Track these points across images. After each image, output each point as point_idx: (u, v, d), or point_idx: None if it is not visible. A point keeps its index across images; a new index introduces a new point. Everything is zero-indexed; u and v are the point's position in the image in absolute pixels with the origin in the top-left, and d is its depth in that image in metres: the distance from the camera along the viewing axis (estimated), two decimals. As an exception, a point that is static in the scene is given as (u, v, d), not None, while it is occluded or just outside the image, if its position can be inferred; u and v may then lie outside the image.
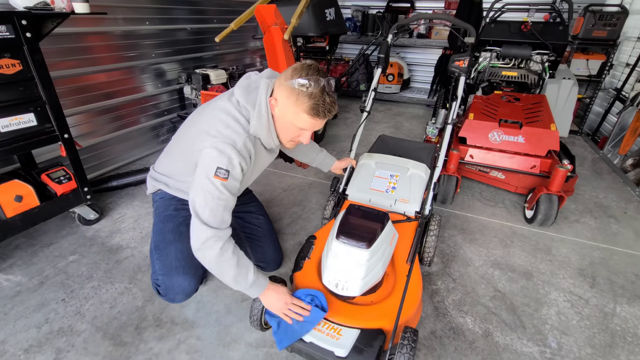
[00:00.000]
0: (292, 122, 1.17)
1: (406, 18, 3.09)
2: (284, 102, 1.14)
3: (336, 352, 1.13)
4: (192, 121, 1.34)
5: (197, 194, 1.14)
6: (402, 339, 1.12)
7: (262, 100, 1.18)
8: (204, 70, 3.14)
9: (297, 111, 1.12)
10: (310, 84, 1.08)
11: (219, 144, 1.12)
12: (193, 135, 1.25)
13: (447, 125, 1.87)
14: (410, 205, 1.74)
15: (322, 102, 1.10)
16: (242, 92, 1.21)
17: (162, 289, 1.38)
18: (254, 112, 1.19)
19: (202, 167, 1.14)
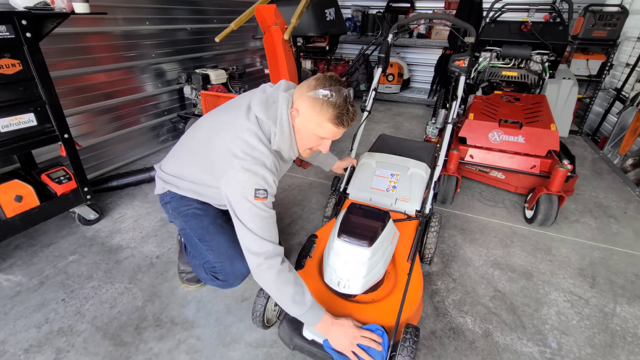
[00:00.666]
0: (314, 131, 1.18)
1: (406, 18, 3.09)
2: (306, 112, 1.15)
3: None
4: (208, 130, 1.29)
5: (244, 217, 1.12)
6: (404, 335, 1.13)
7: (283, 115, 1.18)
8: (204, 70, 3.14)
9: (321, 121, 1.14)
10: (333, 94, 1.10)
11: (250, 165, 1.11)
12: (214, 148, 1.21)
13: (447, 125, 1.87)
14: (411, 204, 1.74)
15: (345, 111, 1.12)
16: (261, 108, 1.18)
17: (221, 275, 1.37)
18: (276, 127, 1.18)
19: (238, 191, 1.11)
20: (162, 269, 1.78)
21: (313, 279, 1.38)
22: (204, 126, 1.34)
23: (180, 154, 1.44)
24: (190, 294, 1.63)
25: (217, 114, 1.33)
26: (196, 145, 1.33)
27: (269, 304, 1.34)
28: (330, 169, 1.88)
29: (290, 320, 1.24)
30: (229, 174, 1.12)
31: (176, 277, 1.72)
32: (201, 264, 1.44)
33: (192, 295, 1.63)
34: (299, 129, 1.20)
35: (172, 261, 1.83)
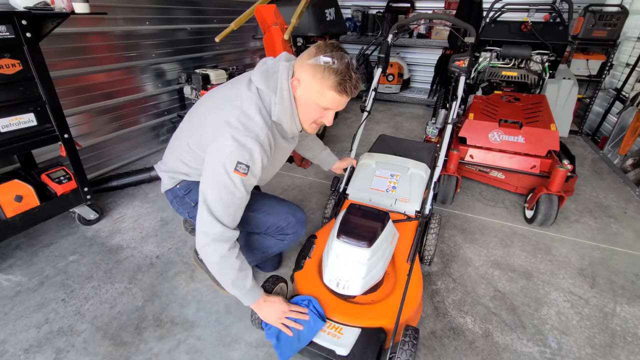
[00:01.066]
0: (317, 101, 1.14)
1: (406, 18, 3.09)
2: (308, 81, 1.11)
3: (337, 351, 1.14)
4: (207, 107, 1.25)
5: (211, 187, 1.09)
6: (404, 337, 1.12)
7: (283, 84, 1.14)
8: (204, 70, 3.13)
9: (323, 89, 1.10)
10: (335, 60, 1.06)
11: (240, 136, 1.07)
12: (209, 121, 1.17)
13: (447, 125, 1.87)
14: (411, 204, 1.74)
15: (348, 77, 1.08)
16: (261, 77, 1.15)
17: (290, 229, 1.38)
18: (276, 97, 1.14)
19: (219, 159, 1.07)
20: (162, 269, 1.78)
21: (312, 279, 1.37)
22: (202, 105, 1.31)
23: (180, 138, 1.36)
24: (190, 293, 1.63)
25: (217, 90, 1.30)
26: (194, 122, 1.28)
27: None
28: (330, 168, 1.88)
29: None
30: (216, 142, 1.08)
31: (176, 278, 1.72)
32: (263, 233, 1.42)
33: (192, 295, 1.63)
34: (301, 99, 1.16)
35: (172, 261, 1.83)
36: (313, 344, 1.17)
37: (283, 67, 1.16)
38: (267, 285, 1.33)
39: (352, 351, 1.13)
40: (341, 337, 1.17)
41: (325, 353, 1.14)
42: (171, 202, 1.48)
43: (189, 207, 1.44)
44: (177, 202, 1.45)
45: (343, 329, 1.20)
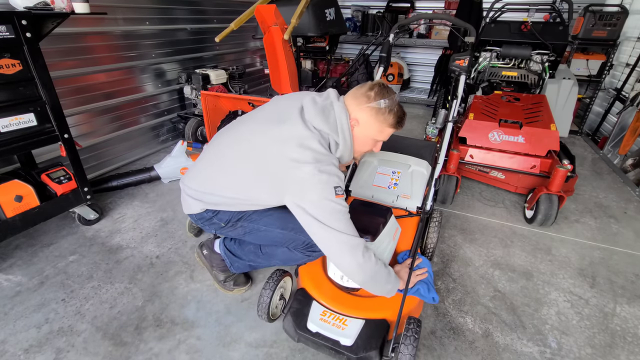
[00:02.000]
0: (374, 137, 1.29)
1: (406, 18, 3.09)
2: (369, 121, 1.25)
3: (342, 342, 1.17)
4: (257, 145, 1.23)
5: (329, 219, 1.13)
6: (406, 329, 1.15)
7: (344, 126, 1.23)
8: (204, 70, 3.14)
9: (383, 127, 1.26)
10: (390, 102, 1.23)
11: (324, 167, 1.14)
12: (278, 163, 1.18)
13: (448, 124, 1.88)
14: (412, 200, 1.75)
15: (403, 115, 1.27)
16: (321, 120, 1.20)
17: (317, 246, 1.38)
18: (337, 136, 1.23)
19: (318, 193, 1.13)
20: (162, 269, 1.78)
21: (317, 272, 1.41)
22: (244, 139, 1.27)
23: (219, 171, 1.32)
24: (190, 293, 1.63)
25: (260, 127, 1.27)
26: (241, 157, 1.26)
27: (274, 298, 1.36)
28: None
29: (295, 313, 1.26)
30: (303, 183, 1.14)
31: (176, 278, 1.72)
32: (293, 248, 1.43)
33: (192, 295, 1.63)
34: (358, 136, 1.28)
35: (172, 261, 1.83)
36: (318, 335, 1.20)
37: (339, 109, 1.24)
38: (273, 278, 1.36)
39: (356, 342, 1.16)
40: (345, 328, 1.20)
41: (330, 343, 1.17)
42: (194, 220, 1.45)
43: (217, 226, 1.42)
44: (204, 222, 1.43)
45: (347, 320, 1.23)
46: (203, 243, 1.65)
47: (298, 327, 1.23)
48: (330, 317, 1.24)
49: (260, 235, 1.43)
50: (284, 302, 1.44)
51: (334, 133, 1.22)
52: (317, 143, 1.17)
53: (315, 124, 1.20)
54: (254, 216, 1.39)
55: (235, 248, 1.55)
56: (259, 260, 1.52)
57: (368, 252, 1.16)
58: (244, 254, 1.53)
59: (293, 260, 1.48)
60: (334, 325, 1.21)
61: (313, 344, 1.23)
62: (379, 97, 1.22)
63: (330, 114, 1.23)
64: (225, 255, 1.56)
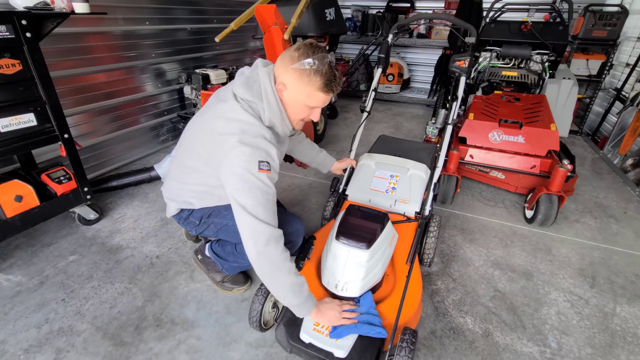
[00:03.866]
0: (305, 102, 1.19)
1: (406, 18, 3.09)
2: (294, 84, 1.15)
3: (335, 353, 1.13)
4: (198, 127, 1.29)
5: (244, 195, 1.08)
6: (401, 340, 1.12)
7: (268, 90, 1.17)
8: (204, 70, 3.14)
9: (311, 91, 1.14)
10: (317, 62, 1.11)
11: (250, 139, 1.10)
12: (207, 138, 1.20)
13: (447, 126, 1.87)
14: (410, 205, 1.74)
15: (333, 77, 1.14)
16: (245, 89, 1.18)
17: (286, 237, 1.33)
18: (263, 103, 1.18)
19: (241, 166, 1.09)
20: (162, 269, 1.78)
21: (311, 281, 1.37)
22: (192, 127, 1.34)
23: (178, 166, 1.41)
24: (190, 293, 1.63)
25: (204, 112, 1.32)
26: (191, 144, 1.31)
27: (266, 307, 1.33)
28: (329, 170, 1.88)
29: (288, 323, 1.23)
30: (229, 155, 1.10)
31: (176, 278, 1.72)
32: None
33: (192, 295, 1.63)
34: (288, 102, 1.20)
35: (172, 261, 1.83)
36: (311, 346, 1.17)
37: (263, 74, 1.19)
38: (264, 287, 1.32)
39: (351, 353, 1.13)
40: (339, 340, 1.16)
41: (323, 355, 1.14)
42: (178, 222, 1.51)
43: (193, 224, 1.47)
44: (183, 222, 1.49)
45: None
46: (197, 249, 1.69)
47: (290, 338, 1.19)
48: (324, 328, 1.20)
49: (230, 231, 1.43)
50: (277, 310, 1.40)
51: (259, 100, 1.17)
52: (244, 113, 1.14)
53: (240, 93, 1.18)
54: (222, 211, 1.41)
55: (220, 250, 1.57)
56: (239, 260, 1.52)
57: (275, 246, 1.08)
58: (226, 255, 1.55)
59: None
60: (328, 336, 1.17)
61: (306, 356, 1.18)
62: (303, 57, 1.11)
63: (255, 82, 1.19)
64: (214, 258, 1.58)
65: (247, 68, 1.29)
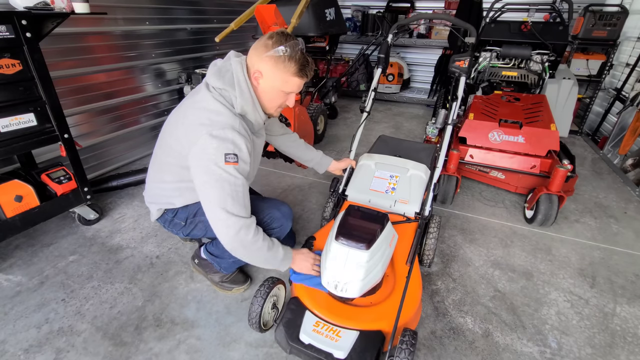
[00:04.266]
0: (281, 88, 1.22)
1: (406, 18, 3.09)
2: (270, 71, 1.18)
3: (335, 354, 1.13)
4: (173, 123, 1.31)
5: (211, 187, 1.12)
6: (401, 341, 1.11)
7: (240, 78, 1.20)
8: (204, 70, 3.14)
9: (286, 77, 1.19)
10: (288, 49, 1.16)
11: (217, 130, 1.12)
12: (181, 132, 1.22)
13: (447, 125, 1.87)
14: (410, 206, 1.73)
15: (306, 62, 1.19)
16: (216, 78, 1.20)
17: (275, 223, 1.42)
18: (235, 91, 1.20)
19: (208, 158, 1.11)
20: (162, 269, 1.78)
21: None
22: (167, 126, 1.36)
23: (155, 161, 1.42)
24: (190, 293, 1.63)
25: (177, 108, 1.36)
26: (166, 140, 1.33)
27: (266, 307, 1.33)
28: (326, 170, 1.87)
29: (287, 324, 1.23)
30: (197, 146, 1.12)
31: (176, 278, 1.72)
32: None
33: (192, 295, 1.63)
34: (265, 89, 1.23)
35: (172, 261, 1.83)
36: (310, 347, 1.17)
37: (235, 63, 1.22)
38: (265, 287, 1.33)
39: (350, 354, 1.12)
40: (339, 340, 1.16)
41: (323, 356, 1.14)
42: (164, 226, 1.52)
43: (179, 226, 1.48)
44: (168, 225, 1.50)
45: (341, 331, 1.19)
46: (193, 254, 1.70)
47: (290, 339, 1.18)
48: (324, 328, 1.19)
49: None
50: (276, 311, 1.40)
51: (231, 88, 1.20)
52: (214, 101, 1.16)
53: (212, 82, 1.20)
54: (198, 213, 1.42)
55: (214, 249, 1.58)
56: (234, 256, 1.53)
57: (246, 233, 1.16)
58: (221, 253, 1.56)
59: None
60: (327, 336, 1.17)
61: (305, 356, 1.18)
62: (277, 45, 1.15)
63: (227, 70, 1.22)
64: (210, 259, 1.59)
65: (219, 60, 1.31)
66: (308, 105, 3.24)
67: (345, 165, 1.92)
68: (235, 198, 1.14)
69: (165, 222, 1.49)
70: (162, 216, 1.47)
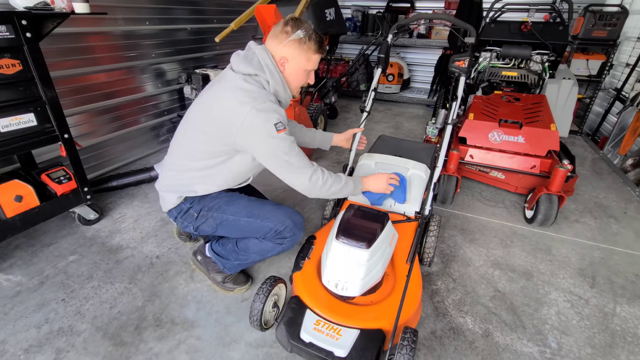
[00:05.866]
0: (305, 67, 1.36)
1: (406, 18, 3.09)
2: (295, 54, 1.32)
3: (336, 353, 1.13)
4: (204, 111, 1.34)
5: (273, 156, 1.27)
6: (402, 339, 1.12)
7: (268, 63, 1.30)
8: (204, 70, 3.14)
9: (308, 55, 1.33)
10: (306, 31, 1.30)
11: (260, 105, 1.22)
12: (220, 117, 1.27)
13: (447, 125, 1.87)
14: (410, 205, 1.74)
15: (321, 39, 1.34)
16: (245, 65, 1.29)
17: (288, 232, 1.46)
18: (265, 74, 1.30)
19: (259, 132, 1.23)
20: (162, 269, 1.78)
21: (311, 280, 1.37)
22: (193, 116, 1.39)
23: (179, 155, 1.44)
24: (190, 293, 1.63)
25: (198, 100, 1.40)
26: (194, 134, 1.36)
27: (267, 306, 1.33)
28: (332, 144, 1.86)
29: (288, 322, 1.23)
30: (244, 124, 1.22)
31: (176, 278, 1.72)
32: (261, 238, 1.48)
33: (192, 295, 1.63)
34: (291, 72, 1.36)
35: (172, 261, 1.83)
36: (311, 345, 1.17)
37: (260, 50, 1.32)
38: (266, 286, 1.33)
39: (351, 352, 1.13)
40: (340, 339, 1.16)
41: (324, 354, 1.14)
42: (175, 218, 1.50)
43: (192, 218, 1.47)
44: (182, 216, 1.48)
45: (342, 330, 1.19)
46: (196, 250, 1.69)
47: (291, 337, 1.19)
48: (325, 327, 1.20)
49: (231, 227, 1.46)
50: (277, 310, 1.40)
51: (262, 72, 1.30)
52: (247, 83, 1.26)
53: (242, 69, 1.29)
54: (223, 206, 1.44)
55: (220, 249, 1.58)
56: (241, 257, 1.54)
57: (317, 176, 1.34)
58: (227, 254, 1.56)
59: (267, 252, 1.51)
60: (328, 335, 1.17)
61: (306, 355, 1.18)
62: (295, 29, 1.29)
63: (253, 57, 1.31)
64: (215, 258, 1.59)
65: (240, 50, 1.38)
66: (308, 105, 3.24)
67: (349, 135, 1.89)
68: (296, 156, 1.29)
69: (179, 212, 1.47)
70: (179, 205, 1.46)
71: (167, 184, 1.46)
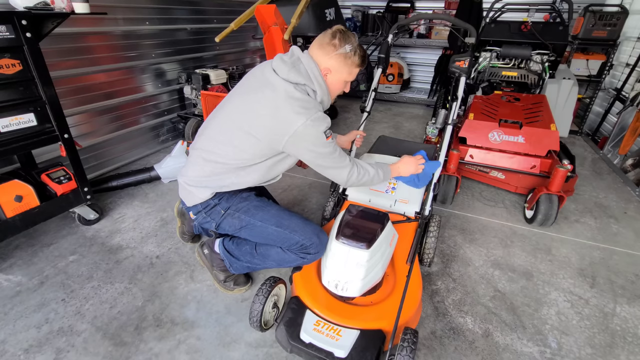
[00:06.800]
0: (346, 79, 1.43)
1: (406, 18, 3.09)
2: (338, 66, 1.37)
3: (336, 353, 1.13)
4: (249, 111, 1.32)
5: (322, 159, 1.36)
6: (402, 339, 1.12)
7: (316, 74, 1.35)
8: (204, 70, 3.14)
9: (351, 69, 1.40)
10: (353, 45, 1.35)
11: (313, 115, 1.27)
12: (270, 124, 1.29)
13: (447, 126, 1.87)
14: (410, 205, 1.74)
15: (365, 53, 1.41)
16: (295, 74, 1.31)
17: (312, 249, 1.45)
18: (313, 84, 1.35)
19: (312, 140, 1.30)
20: (162, 269, 1.78)
21: (311, 281, 1.37)
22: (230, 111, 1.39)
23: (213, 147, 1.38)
24: (190, 293, 1.63)
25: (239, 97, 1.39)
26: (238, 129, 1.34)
27: (267, 307, 1.33)
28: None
29: (288, 323, 1.23)
30: (297, 133, 1.27)
31: (176, 278, 1.72)
32: (285, 248, 1.46)
33: (192, 295, 1.63)
34: (332, 82, 1.42)
35: (172, 261, 1.83)
36: (311, 346, 1.17)
37: (308, 60, 1.35)
38: (266, 286, 1.33)
39: (351, 353, 1.13)
40: (340, 339, 1.16)
41: (324, 355, 1.14)
42: (198, 212, 1.45)
43: (217, 215, 1.43)
44: (207, 212, 1.44)
45: (341, 330, 1.20)
46: (204, 242, 1.66)
47: (291, 338, 1.19)
48: (324, 327, 1.20)
49: (256, 231, 1.44)
50: (277, 310, 1.40)
51: (310, 82, 1.34)
52: (299, 93, 1.30)
53: (292, 78, 1.31)
54: (252, 210, 1.43)
55: (233, 248, 1.56)
56: (255, 261, 1.52)
57: (357, 172, 1.44)
58: (241, 255, 1.54)
59: (287, 262, 1.47)
60: (328, 335, 1.17)
61: (306, 355, 1.18)
62: (343, 44, 1.33)
63: (300, 67, 1.34)
64: (224, 255, 1.57)
65: (284, 55, 1.39)
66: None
67: (353, 137, 1.89)
68: (338, 157, 1.38)
69: (205, 207, 1.43)
70: (206, 201, 1.41)
71: (199, 178, 1.40)
